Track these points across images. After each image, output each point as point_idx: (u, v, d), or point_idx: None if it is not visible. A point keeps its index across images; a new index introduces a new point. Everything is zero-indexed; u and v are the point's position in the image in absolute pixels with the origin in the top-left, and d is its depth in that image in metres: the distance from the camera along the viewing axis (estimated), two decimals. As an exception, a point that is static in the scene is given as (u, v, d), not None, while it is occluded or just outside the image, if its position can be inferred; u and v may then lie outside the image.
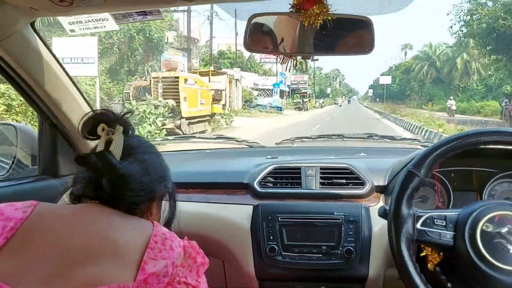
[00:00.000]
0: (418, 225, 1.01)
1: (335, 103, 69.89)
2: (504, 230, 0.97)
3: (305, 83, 49.00)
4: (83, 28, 1.28)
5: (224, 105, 20.78)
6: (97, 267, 0.61)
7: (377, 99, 77.99)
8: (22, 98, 1.41)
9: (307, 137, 2.07)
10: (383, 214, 1.09)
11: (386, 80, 57.86)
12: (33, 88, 1.33)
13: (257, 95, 33.52)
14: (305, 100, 41.59)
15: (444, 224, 1.01)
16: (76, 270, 0.60)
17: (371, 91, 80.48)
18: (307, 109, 39.91)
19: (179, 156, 1.98)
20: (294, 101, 40.93)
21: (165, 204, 0.86)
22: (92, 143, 1.61)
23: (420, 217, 1.03)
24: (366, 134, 2.02)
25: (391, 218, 1.03)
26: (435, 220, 1.02)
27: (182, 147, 2.06)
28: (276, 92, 34.83)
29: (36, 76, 1.31)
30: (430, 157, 1.05)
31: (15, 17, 1.13)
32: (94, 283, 0.59)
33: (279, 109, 31.42)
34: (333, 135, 2.06)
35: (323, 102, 60.42)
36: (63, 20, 1.25)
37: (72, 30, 1.28)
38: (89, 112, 0.80)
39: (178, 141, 2.04)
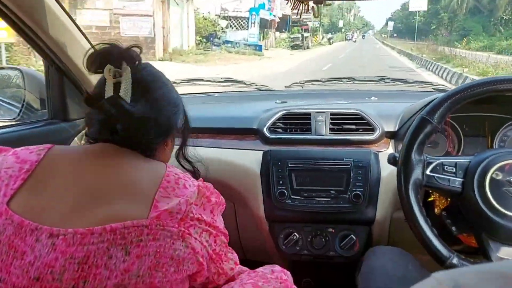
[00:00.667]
0: (428, 171, 1.02)
1: (347, 39, 58.03)
2: None
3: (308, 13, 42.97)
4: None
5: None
6: (112, 206, 0.63)
7: (395, 34, 67.47)
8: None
9: (317, 80, 2.04)
10: (392, 161, 1.10)
11: (419, 5, 34.23)
12: (38, 34, 1.30)
13: (226, 27, 22.45)
14: (305, 35, 31.15)
15: (454, 170, 1.02)
16: (91, 208, 0.63)
17: (391, 24, 63.47)
18: (307, 47, 30.51)
19: (188, 100, 1.96)
20: (292, 36, 30.92)
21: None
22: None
23: (430, 163, 1.03)
24: (378, 77, 1.97)
25: (401, 163, 1.03)
26: (445, 166, 1.02)
27: (190, 90, 2.03)
28: (254, 22, 22.47)
29: (40, 22, 1.27)
30: (444, 104, 1.03)
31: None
32: (109, 220, 0.61)
33: (258, 48, 21.04)
34: (344, 78, 2.01)
35: (331, 38, 48.59)
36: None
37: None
38: (90, 48, 0.75)
39: (185, 84, 2.01)
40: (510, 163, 0.99)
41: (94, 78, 1.56)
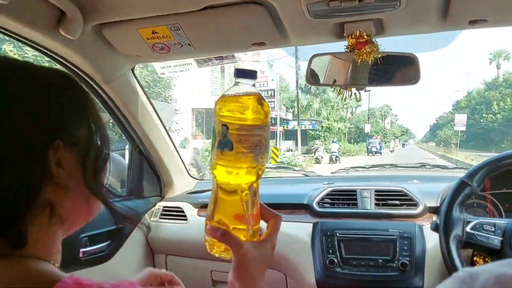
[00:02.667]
0: (468, 228, 1.12)
1: (370, 151, 32.44)
2: None
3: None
4: (171, 71, 1.56)
5: None
6: None
7: (450, 143, 38.31)
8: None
9: (361, 167, 2.21)
10: (434, 227, 1.21)
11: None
12: (129, 121, 1.62)
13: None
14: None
15: (493, 230, 1.11)
16: None
17: (461, 119, 27.28)
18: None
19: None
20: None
21: None
22: (173, 173, 1.87)
23: (470, 221, 1.14)
24: (419, 163, 2.13)
25: (442, 220, 1.14)
26: (484, 225, 1.12)
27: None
28: None
29: (132, 112, 1.60)
30: (482, 169, 1.18)
31: (123, 63, 1.43)
32: None
33: None
34: (387, 164, 2.18)
35: (335, 152, 23.21)
36: (156, 64, 1.54)
37: (162, 73, 1.56)
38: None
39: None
40: None
41: (169, 164, 1.84)
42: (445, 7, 1.02)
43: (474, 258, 1.26)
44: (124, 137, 1.75)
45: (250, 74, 0.66)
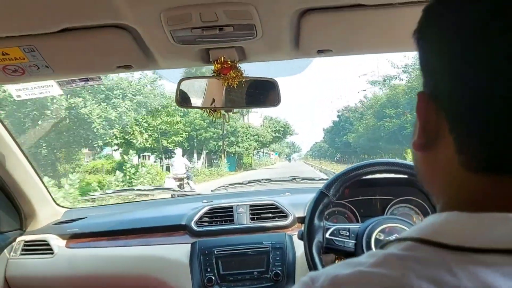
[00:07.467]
0: (327, 235, 1.25)
1: None
2: (392, 238, 1.23)
3: None
4: (29, 94, 1.42)
5: None
6: None
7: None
8: None
9: (239, 183, 2.30)
10: (301, 236, 1.32)
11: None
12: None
13: None
14: None
15: (348, 234, 1.26)
16: None
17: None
18: None
19: (120, 208, 2.09)
20: None
21: None
22: (36, 203, 1.70)
23: (329, 228, 1.28)
24: (290, 177, 2.30)
25: (305, 229, 1.25)
26: (341, 231, 1.27)
27: (121, 200, 2.17)
28: None
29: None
30: (337, 181, 1.32)
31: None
32: None
33: None
34: (262, 179, 2.31)
35: None
36: (11, 87, 1.39)
37: (18, 96, 1.42)
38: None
39: (117, 194, 2.15)
40: (389, 226, 1.26)
41: (30, 193, 1.67)
42: (297, 39, 1.14)
43: (336, 262, 1.41)
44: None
45: None
